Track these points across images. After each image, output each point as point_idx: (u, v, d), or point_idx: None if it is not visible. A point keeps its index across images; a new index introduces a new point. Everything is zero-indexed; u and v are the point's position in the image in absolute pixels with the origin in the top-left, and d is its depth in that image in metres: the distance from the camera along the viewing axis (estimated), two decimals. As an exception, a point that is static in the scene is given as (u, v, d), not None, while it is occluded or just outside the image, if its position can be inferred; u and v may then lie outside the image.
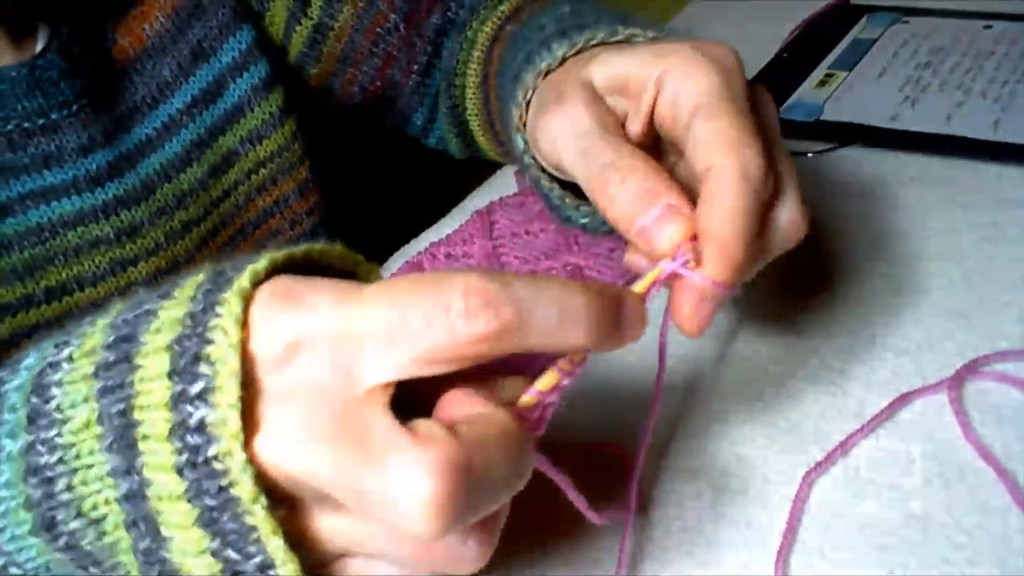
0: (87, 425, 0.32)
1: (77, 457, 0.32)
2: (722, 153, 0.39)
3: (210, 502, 0.30)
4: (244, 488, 0.30)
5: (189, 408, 0.30)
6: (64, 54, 0.57)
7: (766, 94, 0.46)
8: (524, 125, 0.49)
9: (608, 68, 0.45)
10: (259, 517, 0.30)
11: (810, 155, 0.73)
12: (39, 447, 0.32)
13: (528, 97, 0.48)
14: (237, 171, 0.67)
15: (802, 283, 0.59)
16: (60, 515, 0.32)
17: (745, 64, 0.85)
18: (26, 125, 0.56)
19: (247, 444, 0.30)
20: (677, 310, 0.40)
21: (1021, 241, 0.60)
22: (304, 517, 0.32)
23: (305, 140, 0.70)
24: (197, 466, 0.30)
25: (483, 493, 0.31)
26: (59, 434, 0.32)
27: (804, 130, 0.75)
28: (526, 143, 0.49)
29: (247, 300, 0.32)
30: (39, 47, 0.57)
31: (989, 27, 0.86)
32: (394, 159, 0.91)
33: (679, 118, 0.42)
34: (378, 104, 0.75)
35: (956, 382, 0.50)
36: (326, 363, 0.31)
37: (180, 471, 0.30)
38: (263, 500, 0.30)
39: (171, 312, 0.32)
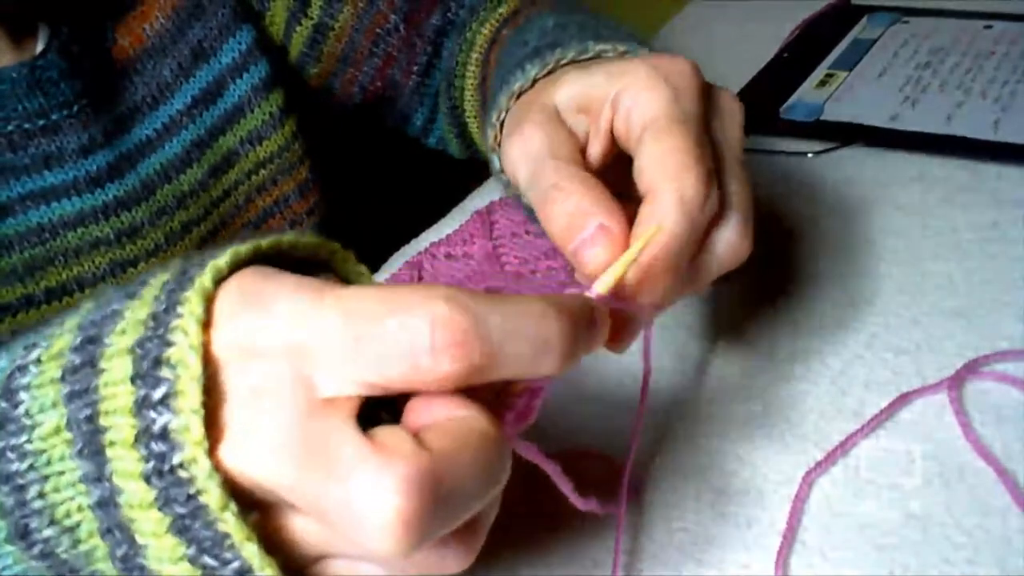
0: (56, 431, 0.31)
1: (48, 463, 0.31)
2: (662, 178, 0.39)
3: (180, 510, 0.29)
4: (212, 496, 0.29)
5: (152, 414, 0.29)
6: (64, 54, 0.57)
7: (732, 106, 0.45)
8: (499, 145, 0.49)
9: (571, 88, 0.45)
10: (230, 524, 0.29)
11: (810, 155, 0.73)
12: (9, 454, 0.31)
13: (502, 118, 0.48)
14: (237, 171, 0.67)
15: (802, 283, 0.59)
16: (33, 523, 0.31)
17: (745, 64, 0.85)
18: (26, 126, 0.56)
19: (212, 450, 0.29)
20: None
21: (1021, 241, 0.60)
22: (278, 519, 0.31)
23: (305, 140, 0.70)
24: (164, 474, 0.29)
25: (453, 505, 0.29)
26: (28, 440, 0.31)
27: (804, 130, 0.75)
28: (501, 165, 0.50)
29: (209, 299, 0.31)
30: (39, 47, 0.57)
31: (989, 27, 0.86)
32: (394, 159, 0.91)
33: (632, 137, 0.42)
34: (378, 104, 0.76)
35: (956, 382, 0.50)
36: (284, 372, 0.30)
37: (148, 479, 0.29)
38: (232, 507, 0.29)
39: (136, 313, 0.31)
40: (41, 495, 0.31)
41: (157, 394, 0.29)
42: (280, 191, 0.69)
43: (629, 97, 0.42)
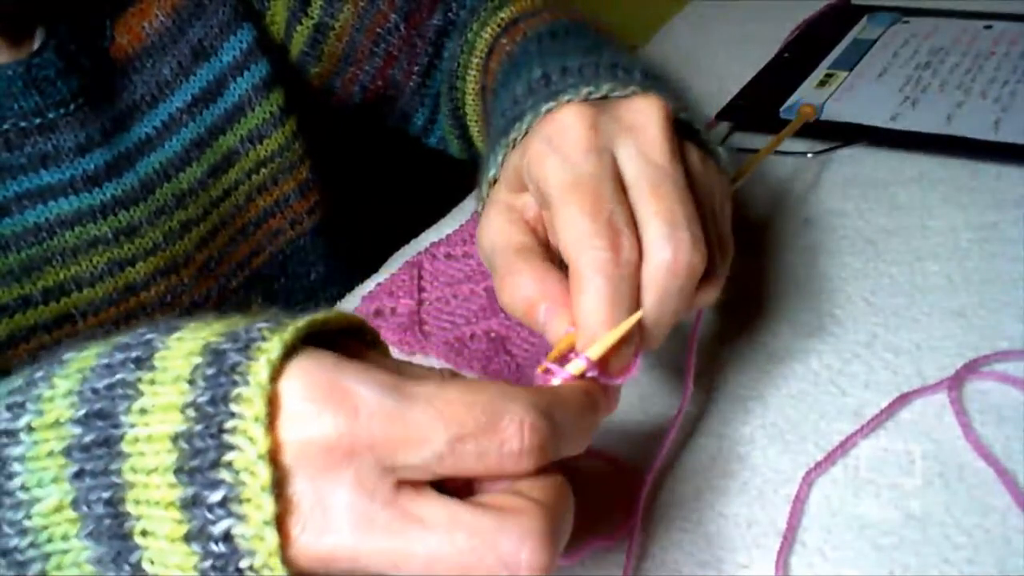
0: (59, 508, 0.31)
1: (49, 541, 0.31)
2: (572, 250, 0.40)
3: None
4: None
5: (209, 515, 0.29)
6: (61, 52, 0.57)
7: (642, 112, 0.44)
8: None
9: (506, 173, 0.46)
10: None
11: (810, 155, 0.73)
12: (6, 528, 0.31)
13: (484, 195, 0.49)
14: (237, 171, 0.67)
15: (801, 282, 0.59)
16: None
17: (745, 64, 0.85)
18: (23, 124, 0.56)
19: (284, 546, 0.30)
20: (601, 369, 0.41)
21: (1021, 241, 0.60)
22: None
23: (305, 140, 0.70)
24: (227, 572, 0.30)
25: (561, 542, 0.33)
26: (27, 516, 0.31)
27: (804, 130, 0.75)
28: None
29: (269, 395, 0.31)
30: (36, 45, 0.57)
31: (989, 27, 0.86)
32: (394, 159, 0.91)
33: (546, 209, 0.43)
34: (379, 103, 0.75)
35: (956, 382, 0.50)
36: (372, 466, 0.31)
37: (205, 574, 0.30)
38: None
39: (161, 395, 0.31)
40: (43, 574, 0.31)
41: (214, 497, 0.30)
42: (280, 191, 0.69)
43: (533, 172, 0.43)
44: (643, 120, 0.44)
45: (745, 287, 0.60)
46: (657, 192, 0.42)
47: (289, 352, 0.32)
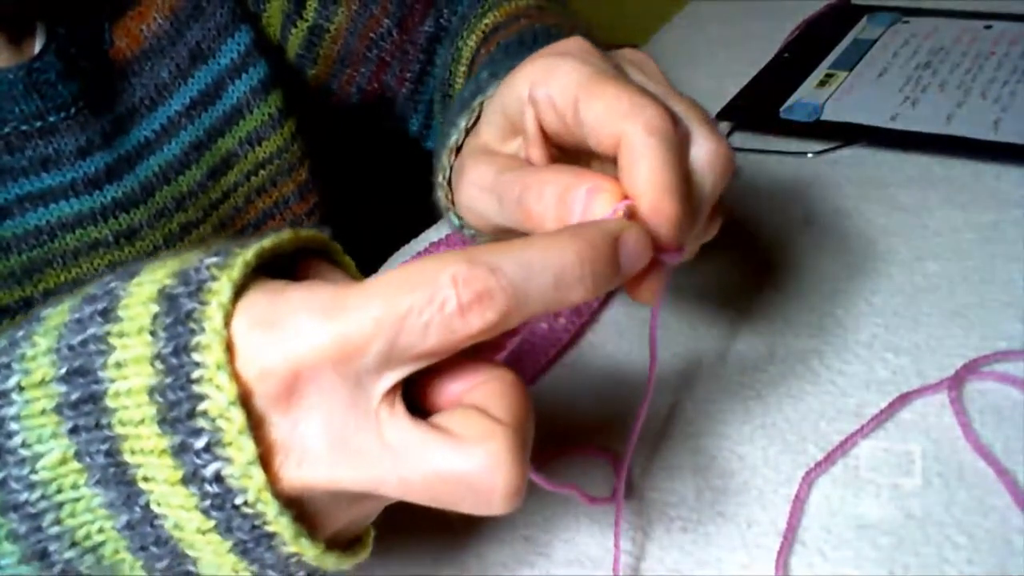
0: (63, 461, 0.31)
1: (59, 491, 0.32)
2: (621, 122, 0.38)
3: (244, 536, 0.31)
4: (283, 528, 0.31)
5: (198, 460, 0.30)
6: (62, 56, 0.57)
7: (639, 56, 0.45)
8: (453, 203, 0.49)
9: (488, 122, 0.45)
10: (304, 546, 0.31)
11: (810, 155, 0.73)
12: (13, 484, 0.32)
13: (448, 175, 0.48)
14: (236, 173, 0.67)
15: (801, 282, 0.59)
16: (52, 547, 0.32)
17: (745, 64, 0.85)
18: (23, 127, 0.56)
19: (270, 479, 0.30)
20: (630, 284, 0.39)
21: (1021, 241, 0.60)
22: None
23: (304, 141, 0.70)
24: (224, 509, 0.30)
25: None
26: (33, 471, 0.31)
27: (804, 130, 0.75)
28: (460, 220, 0.50)
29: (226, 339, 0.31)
30: (36, 49, 0.57)
31: (989, 27, 0.86)
32: (394, 159, 0.91)
33: (566, 116, 0.41)
34: (376, 106, 0.76)
35: (956, 382, 0.50)
36: (335, 385, 0.31)
37: (206, 512, 0.30)
38: (304, 534, 0.31)
39: (130, 348, 0.31)
40: (58, 521, 0.32)
41: (199, 443, 0.30)
42: (280, 192, 0.69)
43: (541, 86, 0.41)
44: (641, 59, 0.44)
45: (745, 287, 0.60)
46: (681, 98, 0.42)
47: (241, 288, 0.32)
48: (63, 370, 0.32)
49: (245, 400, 0.30)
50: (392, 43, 0.71)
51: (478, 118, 0.47)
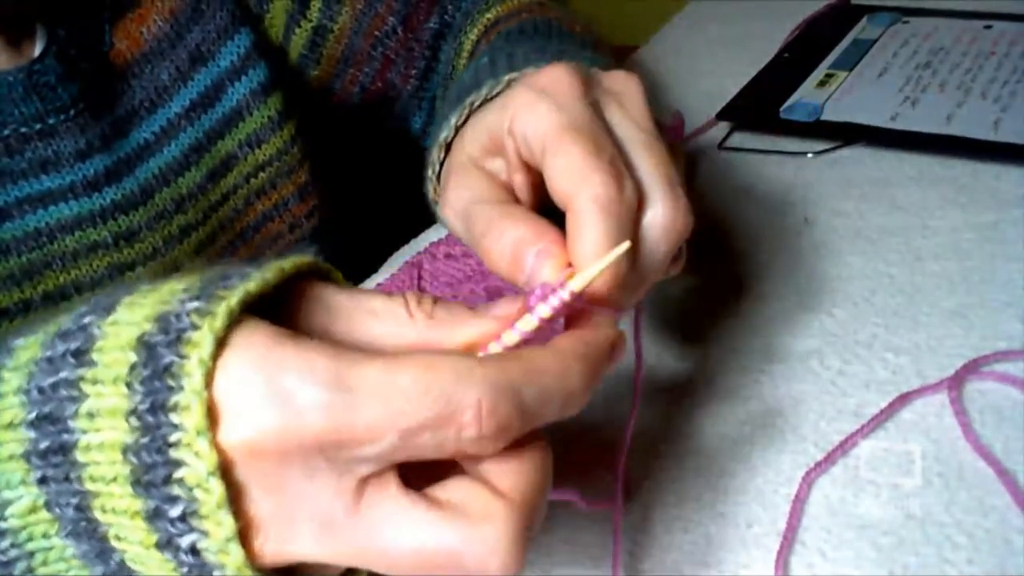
0: (33, 510, 0.30)
1: (30, 539, 0.30)
2: (571, 188, 0.39)
3: None
4: None
5: (172, 528, 0.29)
6: (61, 58, 0.57)
7: (627, 85, 0.44)
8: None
9: (475, 135, 0.45)
10: None
11: (810, 155, 0.73)
12: None
13: (436, 171, 0.48)
14: (236, 175, 0.67)
15: (801, 282, 0.59)
16: None
17: (745, 64, 0.85)
18: (23, 130, 0.56)
19: (248, 552, 0.29)
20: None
21: (1021, 241, 0.60)
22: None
23: (304, 143, 0.70)
24: (203, 574, 0.29)
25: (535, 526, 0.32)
26: (3, 517, 0.30)
27: (804, 130, 0.75)
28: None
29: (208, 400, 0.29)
30: (37, 51, 0.57)
31: (989, 27, 0.86)
32: (394, 159, 0.91)
33: (535, 159, 0.42)
34: (378, 105, 0.76)
35: (956, 382, 0.50)
36: (325, 467, 0.29)
37: (183, 574, 0.29)
38: None
39: (105, 398, 0.29)
40: (30, 570, 0.31)
41: (174, 511, 0.29)
42: (279, 194, 0.69)
43: (519, 123, 0.42)
44: (625, 89, 0.44)
45: (745, 287, 0.60)
46: (652, 151, 0.41)
47: (225, 337, 0.30)
48: (32, 414, 0.30)
49: (225, 470, 0.29)
50: (397, 41, 0.71)
51: (468, 117, 0.47)
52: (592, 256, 0.38)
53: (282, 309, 0.33)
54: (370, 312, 0.34)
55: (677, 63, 0.90)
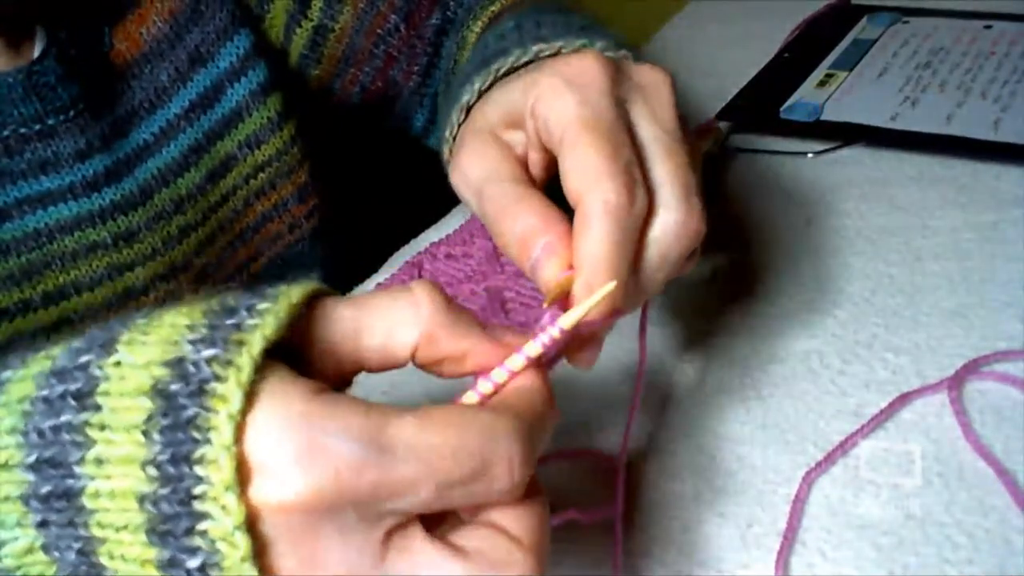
0: (30, 551, 0.29)
1: None
2: (583, 187, 0.39)
3: None
4: None
5: None
6: (61, 59, 0.57)
7: (655, 79, 0.44)
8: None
9: (497, 107, 0.45)
10: None
11: (810, 155, 0.73)
12: None
13: (454, 133, 0.48)
14: (235, 175, 0.67)
15: (801, 283, 0.59)
16: None
17: (745, 64, 0.85)
18: (23, 130, 0.56)
19: None
20: (568, 353, 0.41)
21: (1021, 241, 0.60)
22: None
23: (304, 144, 0.70)
24: None
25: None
26: None
27: (804, 130, 0.75)
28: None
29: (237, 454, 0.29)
30: (36, 52, 0.57)
31: (989, 27, 0.86)
32: (394, 159, 0.91)
33: (553, 146, 0.42)
34: (379, 105, 0.75)
35: (956, 382, 0.50)
36: (356, 520, 0.29)
37: None
38: None
39: (117, 446, 0.29)
40: None
41: (192, 562, 0.28)
42: (279, 195, 0.69)
43: (542, 107, 0.42)
44: (655, 85, 0.44)
45: (745, 287, 0.60)
46: (672, 156, 0.42)
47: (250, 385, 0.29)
48: (32, 457, 0.29)
49: (251, 524, 0.28)
50: (399, 38, 0.71)
51: (493, 83, 0.47)
52: (595, 260, 0.38)
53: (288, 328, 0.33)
54: (374, 315, 0.34)
55: (677, 63, 0.90)
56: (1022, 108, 0.72)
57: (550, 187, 0.44)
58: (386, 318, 0.34)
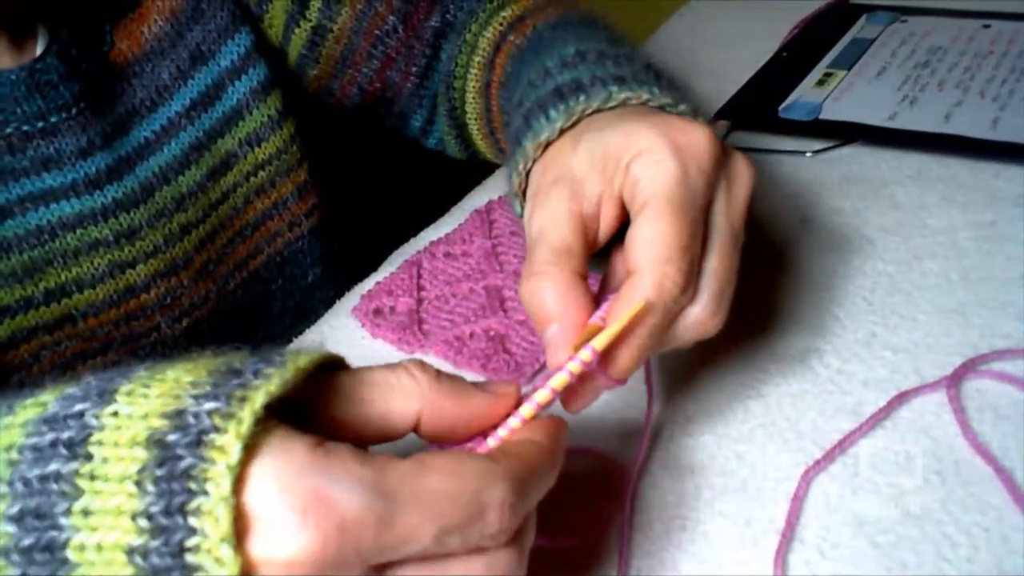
0: None
1: None
2: (645, 264, 0.40)
3: None
4: None
5: None
6: (63, 57, 0.57)
7: (744, 174, 0.46)
8: (523, 192, 0.49)
9: (589, 155, 0.45)
10: None
11: (809, 154, 0.73)
12: None
13: (528, 167, 0.48)
14: (236, 173, 0.67)
15: (800, 281, 0.60)
16: None
17: (744, 63, 0.85)
18: (25, 128, 0.56)
19: None
20: (565, 397, 0.42)
21: (1019, 240, 0.60)
22: None
23: (303, 142, 0.70)
24: None
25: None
26: None
27: (803, 129, 0.75)
28: (523, 207, 0.49)
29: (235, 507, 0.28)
30: (39, 50, 0.57)
31: (987, 26, 0.86)
32: (393, 159, 0.91)
33: (633, 208, 0.43)
34: (377, 105, 0.76)
35: (954, 381, 0.50)
36: (353, 568, 0.30)
37: None
38: None
39: (107, 497, 0.28)
40: None
41: None
42: (279, 193, 0.69)
43: (639, 166, 0.42)
44: (741, 178, 0.45)
45: (744, 286, 0.60)
46: (727, 255, 0.44)
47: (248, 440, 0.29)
48: (15, 509, 0.29)
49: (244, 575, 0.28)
50: (398, 40, 0.71)
51: (575, 122, 0.47)
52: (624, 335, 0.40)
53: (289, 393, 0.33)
54: (375, 387, 0.35)
55: (676, 62, 0.90)
56: (1020, 107, 0.73)
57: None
58: (384, 389, 0.35)
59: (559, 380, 0.39)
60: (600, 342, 0.40)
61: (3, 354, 0.57)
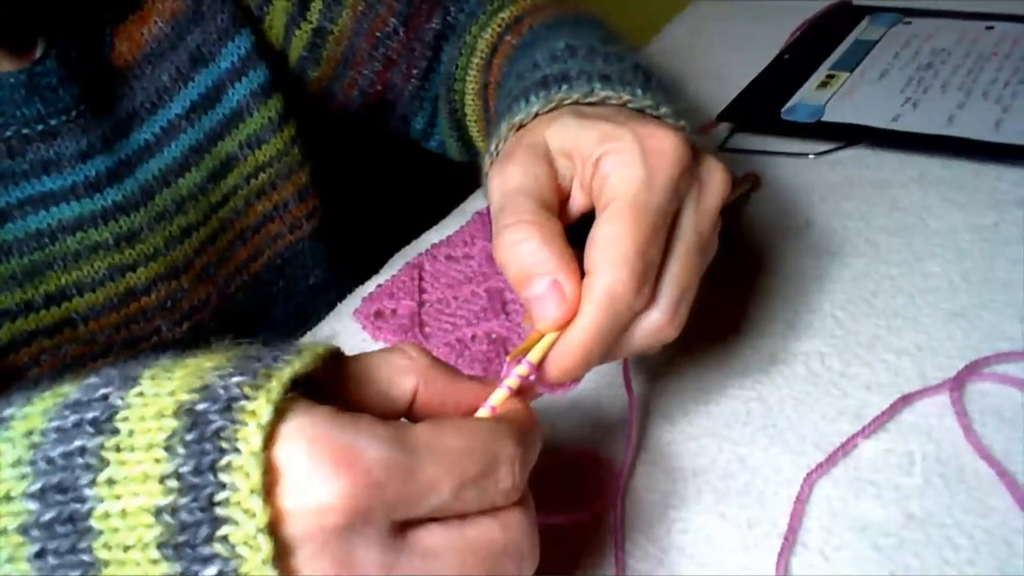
0: None
1: None
2: (601, 264, 0.40)
3: None
4: None
5: None
6: (63, 60, 0.57)
7: (715, 177, 0.45)
8: None
9: (563, 136, 0.44)
10: None
11: (811, 156, 0.73)
12: None
13: (499, 147, 0.48)
14: (236, 176, 0.67)
15: (803, 284, 0.59)
16: None
17: (747, 65, 0.85)
18: (25, 131, 0.56)
19: None
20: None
21: (1022, 242, 0.60)
22: None
23: (304, 145, 0.70)
24: None
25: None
26: None
27: (806, 131, 0.75)
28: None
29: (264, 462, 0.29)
30: (38, 53, 0.57)
31: (991, 28, 0.86)
32: (394, 161, 0.91)
33: (597, 203, 0.42)
34: (378, 107, 0.76)
35: (957, 383, 0.50)
36: (383, 523, 0.31)
37: None
38: None
39: (132, 465, 0.29)
40: None
41: (207, 572, 0.29)
42: (279, 195, 0.69)
43: (608, 165, 0.42)
44: (712, 183, 0.45)
45: (746, 288, 0.60)
46: (688, 260, 0.43)
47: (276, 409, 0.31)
48: (37, 486, 0.29)
49: (273, 528, 0.29)
50: (399, 42, 0.71)
51: (550, 109, 0.47)
52: (574, 337, 0.40)
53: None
54: (373, 366, 0.37)
55: (678, 64, 0.90)
56: (1023, 109, 0.72)
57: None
58: (383, 366, 0.37)
59: (512, 382, 0.39)
60: (535, 355, 0.40)
61: (3, 358, 0.57)
